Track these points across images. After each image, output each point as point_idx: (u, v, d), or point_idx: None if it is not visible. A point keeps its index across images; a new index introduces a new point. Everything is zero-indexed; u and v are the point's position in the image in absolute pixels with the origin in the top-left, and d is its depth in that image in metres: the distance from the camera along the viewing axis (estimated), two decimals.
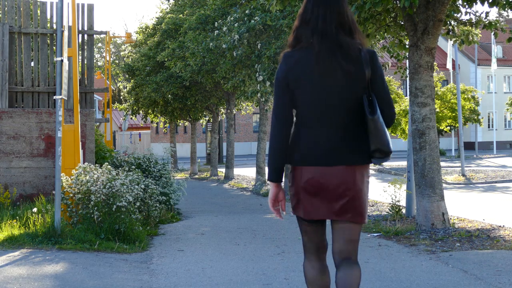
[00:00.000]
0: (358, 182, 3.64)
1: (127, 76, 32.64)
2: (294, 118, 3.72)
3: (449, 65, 33.31)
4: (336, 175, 3.61)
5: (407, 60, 10.08)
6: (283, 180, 3.88)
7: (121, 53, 44.27)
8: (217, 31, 17.47)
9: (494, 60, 40.32)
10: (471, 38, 10.99)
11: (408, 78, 12.62)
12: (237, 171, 28.80)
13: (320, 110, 3.63)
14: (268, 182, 3.37)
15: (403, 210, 11.41)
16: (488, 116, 53.86)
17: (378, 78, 3.67)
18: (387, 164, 32.55)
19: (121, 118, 48.36)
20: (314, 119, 3.64)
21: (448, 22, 10.47)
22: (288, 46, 3.77)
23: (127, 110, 33.29)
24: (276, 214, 3.78)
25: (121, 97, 37.10)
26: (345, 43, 3.63)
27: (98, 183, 8.51)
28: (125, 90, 32.95)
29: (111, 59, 61.83)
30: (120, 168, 10.59)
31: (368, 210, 12.67)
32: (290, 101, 3.67)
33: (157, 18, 32.30)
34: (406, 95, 39.13)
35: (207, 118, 34.75)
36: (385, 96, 3.69)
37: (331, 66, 3.61)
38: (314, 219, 3.69)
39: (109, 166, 9.18)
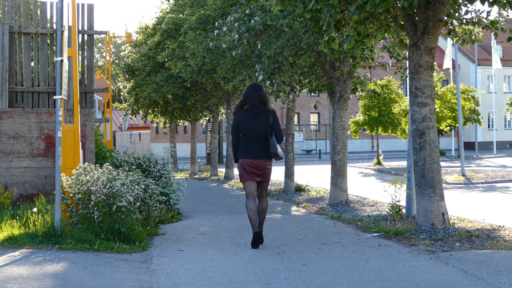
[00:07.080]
0: (267, 166, 8.54)
1: (127, 76, 32.63)
2: (240, 138, 8.57)
3: (449, 65, 33.33)
4: (257, 162, 8.48)
5: (407, 60, 10.07)
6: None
7: (121, 53, 44.26)
8: (217, 30, 17.45)
9: (497, 60, 40.24)
10: (473, 37, 10.95)
11: (408, 78, 12.61)
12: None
13: (250, 135, 8.48)
14: (234, 163, 7.31)
15: (403, 210, 11.40)
16: (488, 116, 53.85)
17: (275, 123, 8.54)
18: (387, 164, 32.66)
19: (121, 118, 48.33)
20: (248, 139, 8.50)
21: (449, 22, 10.45)
22: (237, 107, 8.61)
23: (127, 110, 33.27)
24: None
25: (121, 97, 37.19)
26: (261, 109, 8.52)
27: (98, 183, 8.51)
28: (125, 90, 32.91)
29: (111, 59, 61.83)
30: (120, 168, 10.58)
31: (368, 210, 13.16)
32: (238, 132, 8.54)
33: (157, 18, 32.25)
34: (406, 95, 39.15)
35: (207, 118, 34.73)
36: (278, 131, 8.54)
37: (256, 118, 8.49)
38: (248, 181, 8.48)
39: (110, 166, 9.18)
